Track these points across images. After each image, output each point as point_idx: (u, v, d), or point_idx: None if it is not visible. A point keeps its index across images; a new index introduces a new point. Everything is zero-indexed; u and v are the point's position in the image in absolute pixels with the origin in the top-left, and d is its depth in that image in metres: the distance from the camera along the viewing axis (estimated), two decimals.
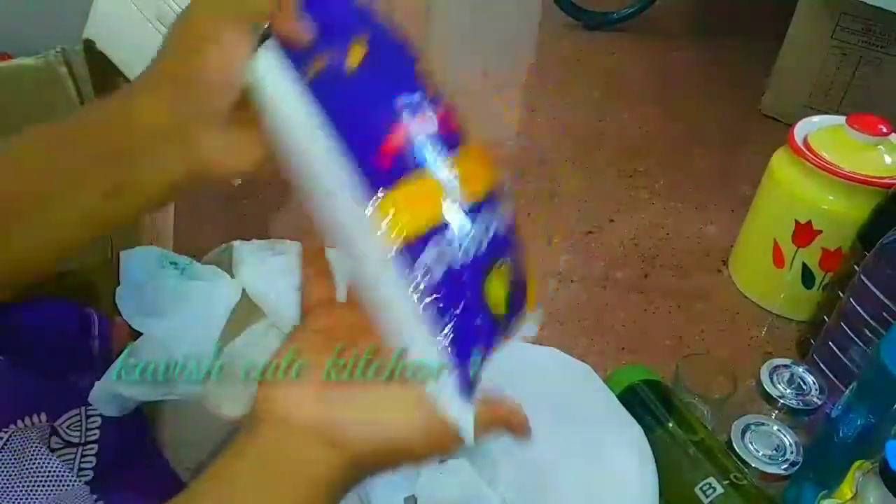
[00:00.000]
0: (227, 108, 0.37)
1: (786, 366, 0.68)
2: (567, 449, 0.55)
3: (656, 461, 0.57)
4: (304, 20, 0.37)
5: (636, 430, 0.59)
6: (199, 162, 0.39)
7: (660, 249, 0.95)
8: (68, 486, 0.57)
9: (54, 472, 0.57)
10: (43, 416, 0.58)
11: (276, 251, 0.69)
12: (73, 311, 0.62)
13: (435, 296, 0.35)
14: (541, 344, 0.72)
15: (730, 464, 0.59)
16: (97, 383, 0.57)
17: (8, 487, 0.55)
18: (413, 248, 0.35)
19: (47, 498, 0.56)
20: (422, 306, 0.35)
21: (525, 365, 0.63)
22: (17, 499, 0.55)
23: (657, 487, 0.56)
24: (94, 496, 0.58)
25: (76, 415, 0.62)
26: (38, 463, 0.57)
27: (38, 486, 0.56)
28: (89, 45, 0.53)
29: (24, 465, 0.56)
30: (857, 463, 0.47)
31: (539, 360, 0.64)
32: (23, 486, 0.55)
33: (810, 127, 0.81)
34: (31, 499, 0.55)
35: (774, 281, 0.84)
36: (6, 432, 0.57)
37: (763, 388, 0.66)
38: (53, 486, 0.56)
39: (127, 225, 0.67)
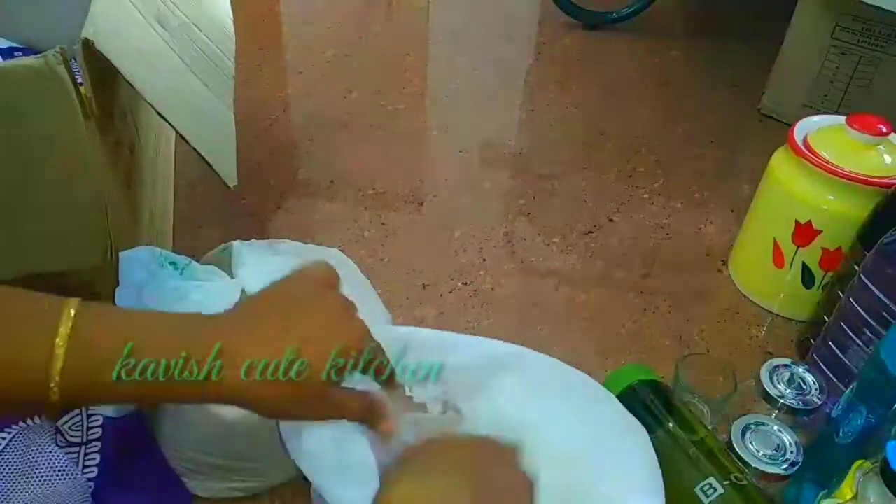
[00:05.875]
0: None
1: (786, 366, 0.68)
2: (569, 454, 0.54)
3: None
4: None
5: (642, 435, 0.58)
6: None
7: (660, 249, 0.95)
8: (70, 478, 0.58)
9: (57, 466, 0.58)
10: (44, 417, 0.58)
11: (276, 251, 0.69)
12: None
13: None
14: (540, 344, 0.72)
15: (730, 464, 0.59)
16: None
17: (13, 482, 0.56)
18: None
19: (50, 491, 0.57)
20: None
21: (525, 378, 0.61)
22: (21, 492, 0.56)
23: (663, 493, 0.55)
24: (92, 487, 0.59)
25: (77, 415, 0.62)
26: (42, 458, 0.58)
27: (42, 479, 0.57)
28: (88, 45, 0.53)
29: (28, 461, 0.57)
30: (857, 463, 0.47)
31: (537, 373, 0.62)
32: (27, 481, 0.56)
33: (810, 127, 0.81)
34: (35, 492, 0.56)
35: (774, 281, 0.84)
36: (9, 433, 0.57)
37: (763, 387, 0.66)
38: (56, 479, 0.57)
39: (127, 224, 0.67)
